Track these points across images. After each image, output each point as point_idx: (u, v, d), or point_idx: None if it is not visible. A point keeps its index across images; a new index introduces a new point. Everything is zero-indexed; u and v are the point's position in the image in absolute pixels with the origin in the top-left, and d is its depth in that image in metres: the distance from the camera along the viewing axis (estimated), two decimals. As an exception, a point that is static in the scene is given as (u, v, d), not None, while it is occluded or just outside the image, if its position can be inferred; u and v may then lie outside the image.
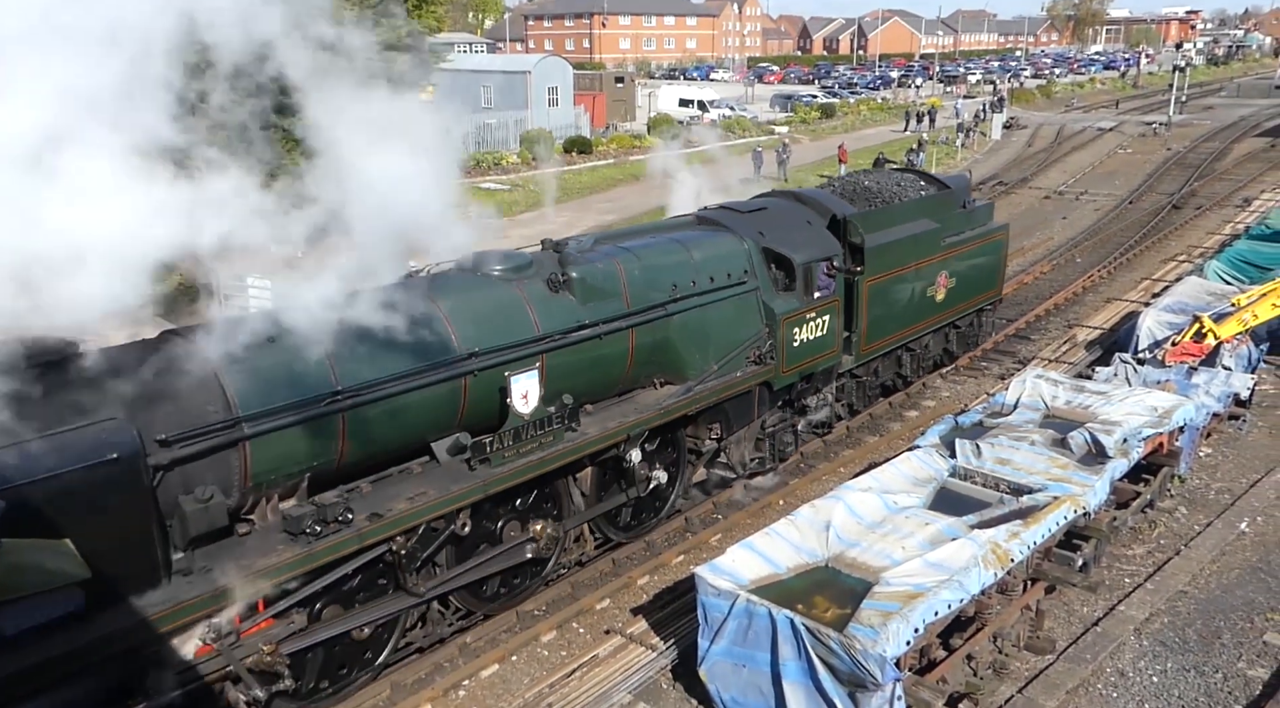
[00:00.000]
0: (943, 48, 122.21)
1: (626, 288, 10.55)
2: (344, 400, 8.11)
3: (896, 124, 53.41)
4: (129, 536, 6.79)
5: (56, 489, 6.26)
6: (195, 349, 7.62)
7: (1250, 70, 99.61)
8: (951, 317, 15.74)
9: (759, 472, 12.81)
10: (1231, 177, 35.32)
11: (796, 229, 12.60)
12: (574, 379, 9.87)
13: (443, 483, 8.73)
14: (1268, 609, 9.93)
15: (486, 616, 9.91)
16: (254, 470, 7.69)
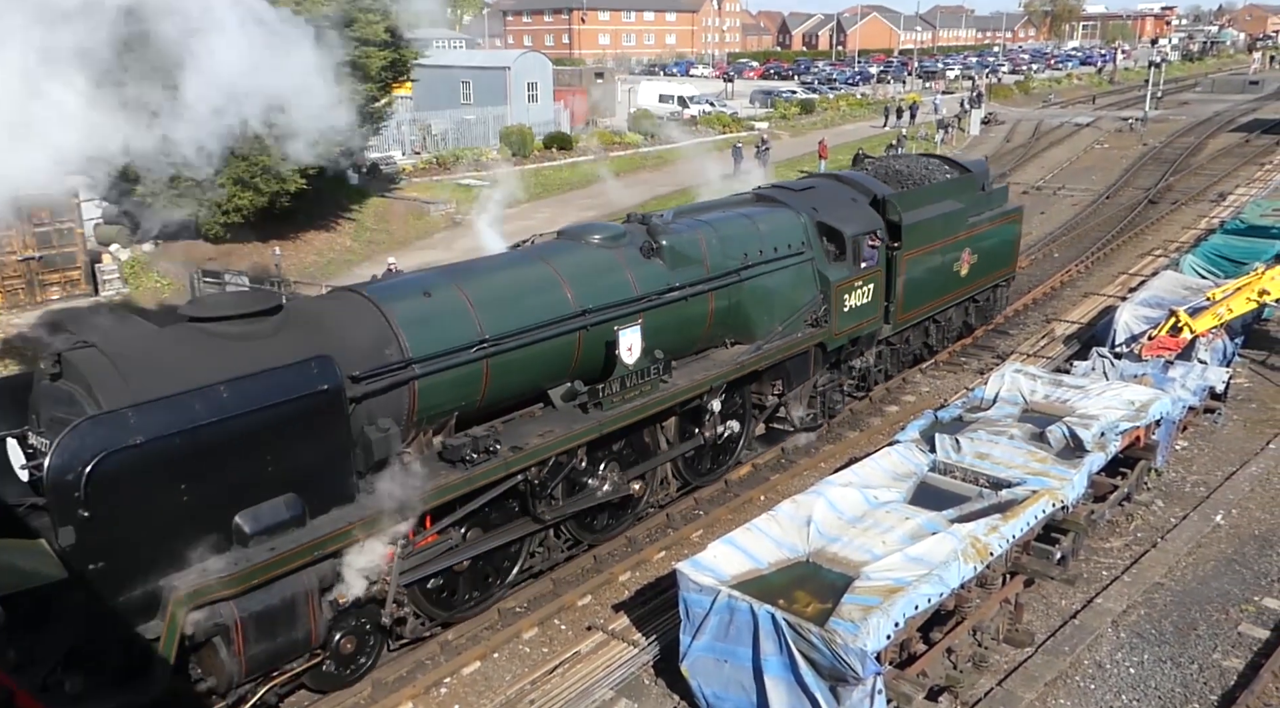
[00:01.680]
0: (921, 43, 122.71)
1: (707, 256, 11.73)
2: (488, 348, 9.37)
3: (876, 120, 53.56)
4: (332, 454, 8.11)
5: (283, 413, 7.62)
6: (370, 302, 8.96)
7: (1225, 66, 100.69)
8: (973, 291, 17.07)
9: (812, 427, 13.90)
10: (1207, 172, 35.68)
11: (844, 206, 13.93)
12: (664, 337, 10.97)
13: (564, 424, 9.99)
14: (1242, 601, 10.05)
15: (590, 546, 11.09)
16: (419, 407, 8.97)
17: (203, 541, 7.40)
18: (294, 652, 8.03)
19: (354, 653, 8.76)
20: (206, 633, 7.37)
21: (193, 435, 7.13)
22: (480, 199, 13.72)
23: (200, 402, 7.23)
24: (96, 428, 6.76)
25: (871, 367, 15.01)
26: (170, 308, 20.71)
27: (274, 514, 7.70)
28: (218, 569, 7.36)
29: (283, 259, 23.38)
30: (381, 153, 36.10)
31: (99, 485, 6.69)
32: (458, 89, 46.41)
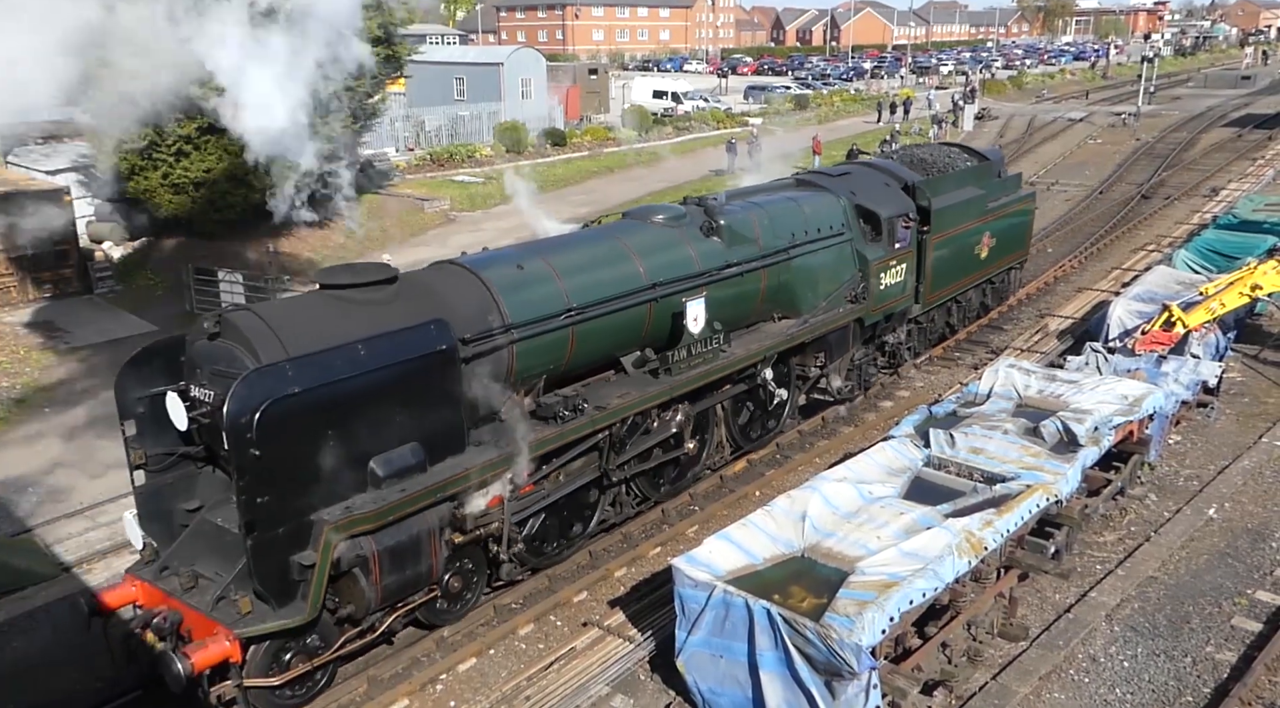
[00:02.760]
0: (915, 39, 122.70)
1: (759, 235, 12.59)
2: (574, 316, 10.29)
3: (870, 115, 53.59)
4: (447, 408, 9.04)
5: (409, 370, 8.61)
6: (471, 273, 9.87)
7: (1217, 61, 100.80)
8: (992, 272, 18.05)
9: (849, 398, 14.80)
10: (1199, 166, 35.76)
11: (879, 190, 14.81)
12: (722, 310, 11.83)
13: (639, 387, 10.96)
14: (1235, 594, 10.10)
15: (656, 502, 11.93)
16: (517, 368, 9.92)
17: (345, 481, 8.35)
18: (418, 584, 8.94)
19: (461, 591, 9.69)
20: (350, 563, 8.25)
21: (338, 387, 8.12)
22: (515, 189, 14.89)
23: (343, 358, 8.22)
24: (263, 378, 7.71)
25: (902, 343, 15.89)
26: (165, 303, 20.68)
27: (402, 460, 8.67)
28: (360, 506, 8.31)
29: (277, 256, 23.32)
30: (375, 149, 36.02)
31: (266, 428, 7.62)
32: (451, 85, 46.29)
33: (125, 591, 8.66)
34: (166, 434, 8.79)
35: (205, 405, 8.27)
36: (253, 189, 22.32)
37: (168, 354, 8.80)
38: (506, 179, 17.70)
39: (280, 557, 7.97)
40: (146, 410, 8.76)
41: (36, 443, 14.84)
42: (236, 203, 22.31)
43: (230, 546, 8.30)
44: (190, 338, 8.64)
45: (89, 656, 9.78)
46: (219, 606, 8.04)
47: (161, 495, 8.93)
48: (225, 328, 8.30)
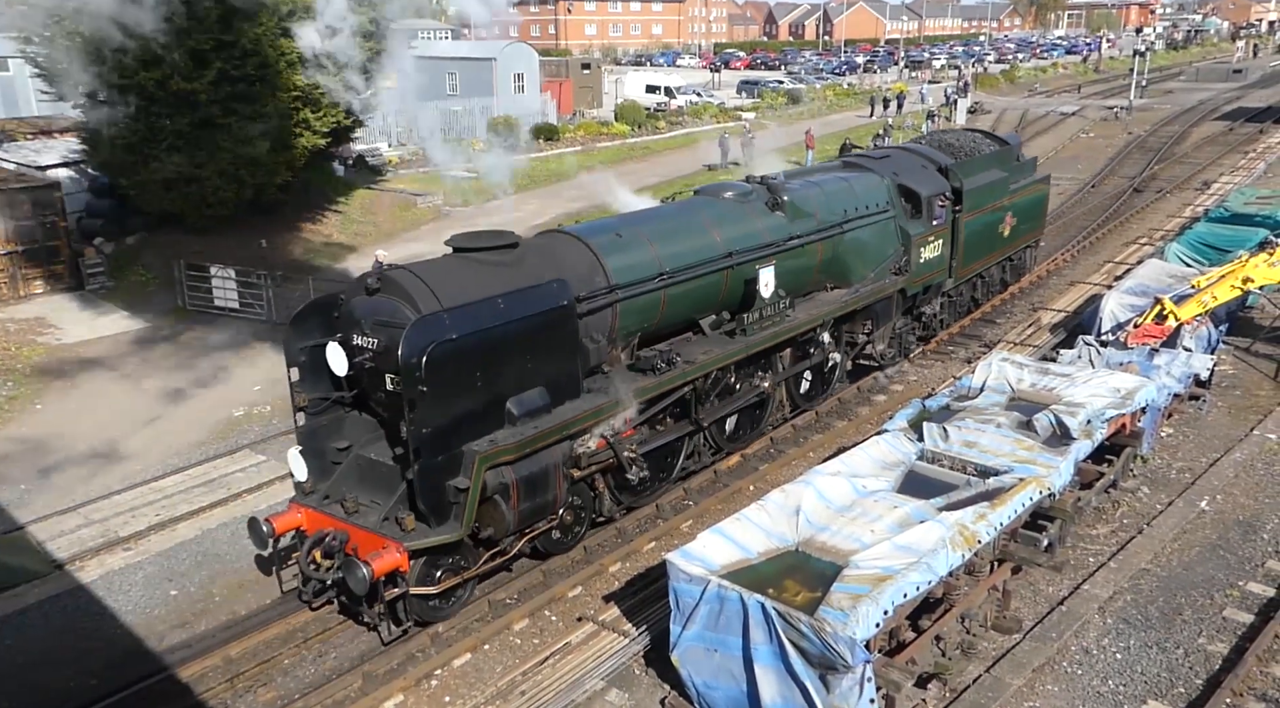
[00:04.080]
0: (907, 33, 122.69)
1: (817, 211, 13.81)
2: (666, 280, 11.45)
3: (863, 110, 53.56)
4: (567, 358, 10.23)
5: (538, 322, 9.77)
6: (578, 239, 11.04)
7: (1209, 55, 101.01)
8: (1012, 250, 19.40)
9: (891, 363, 16.01)
10: (1191, 160, 35.85)
11: (918, 171, 16.11)
12: (785, 278, 12.97)
13: (719, 346, 12.17)
14: (1227, 585, 10.16)
15: (728, 453, 13.11)
16: (619, 326, 11.09)
17: (488, 418, 9.51)
18: (545, 512, 10.05)
19: (572, 524, 10.86)
20: (494, 490, 9.40)
21: (484, 335, 9.28)
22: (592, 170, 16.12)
23: (488, 309, 9.39)
24: (428, 325, 8.87)
25: (937, 314, 17.17)
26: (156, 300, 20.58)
27: (532, 402, 9.85)
28: (502, 440, 9.47)
29: (269, 251, 23.25)
30: (368, 144, 35.91)
31: (431, 367, 8.76)
32: (444, 80, 46.15)
33: (292, 517, 9.93)
34: (322, 382, 10.00)
35: (368, 352, 9.39)
36: (244, 185, 22.25)
37: (323, 312, 9.95)
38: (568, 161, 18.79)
39: (439, 481, 9.11)
40: (307, 360, 9.93)
41: (28, 439, 14.79)
42: (228, 199, 22.22)
43: (384, 477, 9.71)
44: (346, 295, 9.79)
45: (80, 654, 9.78)
46: (384, 525, 9.25)
47: (316, 436, 10.13)
48: (385, 284, 9.42)
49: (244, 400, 16.15)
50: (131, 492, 12.97)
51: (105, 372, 17.46)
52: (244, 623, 10.16)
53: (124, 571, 11.15)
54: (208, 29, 20.29)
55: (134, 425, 15.23)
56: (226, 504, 12.53)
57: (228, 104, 21.25)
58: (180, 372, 17.46)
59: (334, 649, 9.71)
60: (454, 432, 9.17)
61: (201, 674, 9.22)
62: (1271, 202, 21.99)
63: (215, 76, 20.59)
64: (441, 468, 9.11)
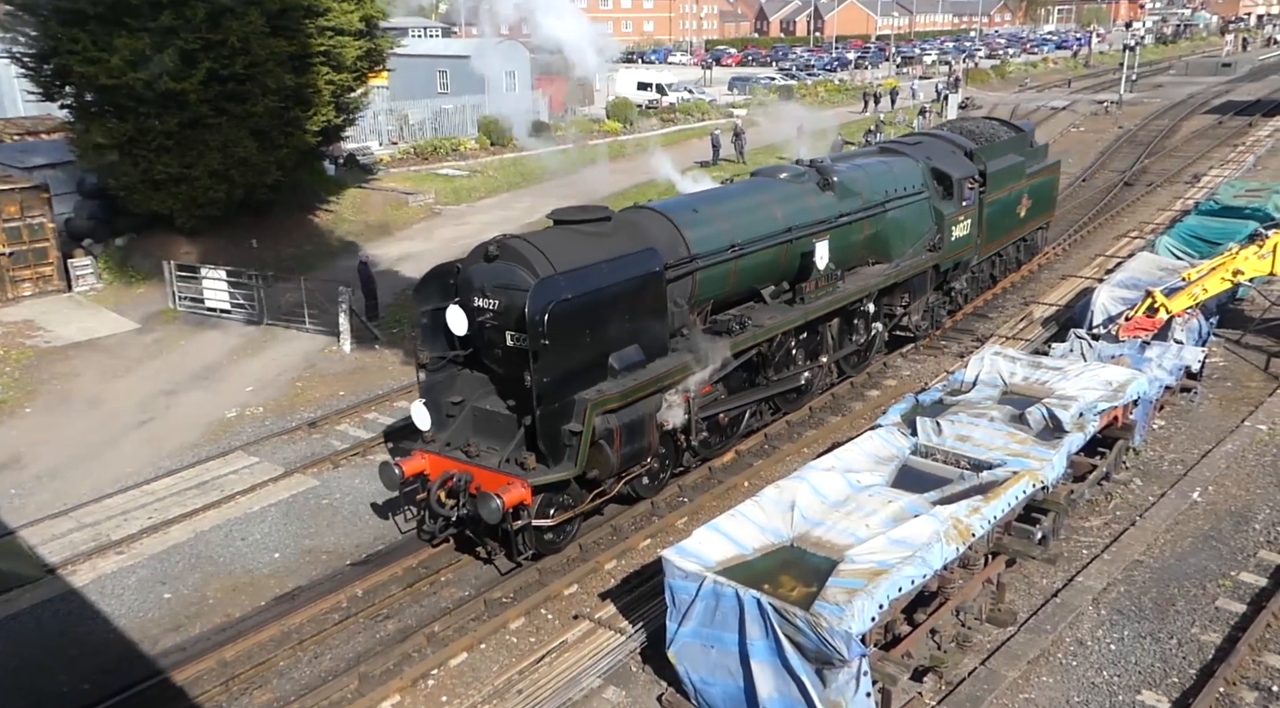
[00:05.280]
0: (898, 29, 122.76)
1: (863, 191, 14.89)
2: (737, 252, 12.53)
3: (855, 105, 53.57)
4: (656, 319, 11.28)
5: (628, 287, 10.76)
6: (660, 214, 12.11)
7: (1198, 49, 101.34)
8: (1027, 230, 20.63)
9: (924, 335, 17.13)
10: (1181, 153, 35.96)
11: (948, 155, 17.31)
12: (835, 253, 13.94)
13: (781, 313, 13.26)
14: (1219, 576, 10.20)
15: (785, 413, 14.23)
16: (698, 293, 12.20)
17: (595, 371, 10.56)
18: (641, 457, 11.15)
19: (658, 471, 11.95)
20: (600, 435, 10.37)
21: (592, 296, 10.28)
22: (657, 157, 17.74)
23: (595, 273, 10.42)
24: (548, 285, 9.91)
25: (965, 289, 18.41)
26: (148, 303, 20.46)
27: (630, 357, 10.91)
28: (609, 390, 10.50)
29: (260, 252, 23.18)
30: (359, 143, 35.80)
31: (551, 323, 9.78)
32: (435, 78, 46.02)
33: (417, 462, 10.82)
34: (439, 342, 11.17)
35: (489, 312, 10.48)
36: (235, 185, 22.17)
37: (441, 279, 11.06)
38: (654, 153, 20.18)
39: (556, 426, 10.22)
40: (428, 323, 11.13)
41: (18, 443, 14.71)
42: (219, 199, 22.13)
43: (501, 425, 10.89)
44: (465, 264, 10.89)
45: (73, 659, 9.74)
46: (505, 466, 10.37)
47: (433, 390, 11.18)
48: (504, 252, 10.45)
49: (236, 402, 16.10)
50: (123, 495, 12.91)
51: (95, 374, 17.38)
52: (239, 625, 10.13)
53: (116, 574, 11.10)
54: (195, 28, 20.21)
55: (125, 428, 15.17)
56: (219, 506, 12.47)
57: (217, 103, 21.17)
58: (171, 373, 17.39)
59: (330, 651, 9.69)
60: (568, 382, 10.26)
61: (196, 678, 9.19)
62: (1261, 194, 22.06)
63: (204, 76, 20.51)
64: (558, 414, 10.22)
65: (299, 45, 22.59)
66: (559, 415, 10.22)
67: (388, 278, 21.97)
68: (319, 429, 14.85)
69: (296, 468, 13.46)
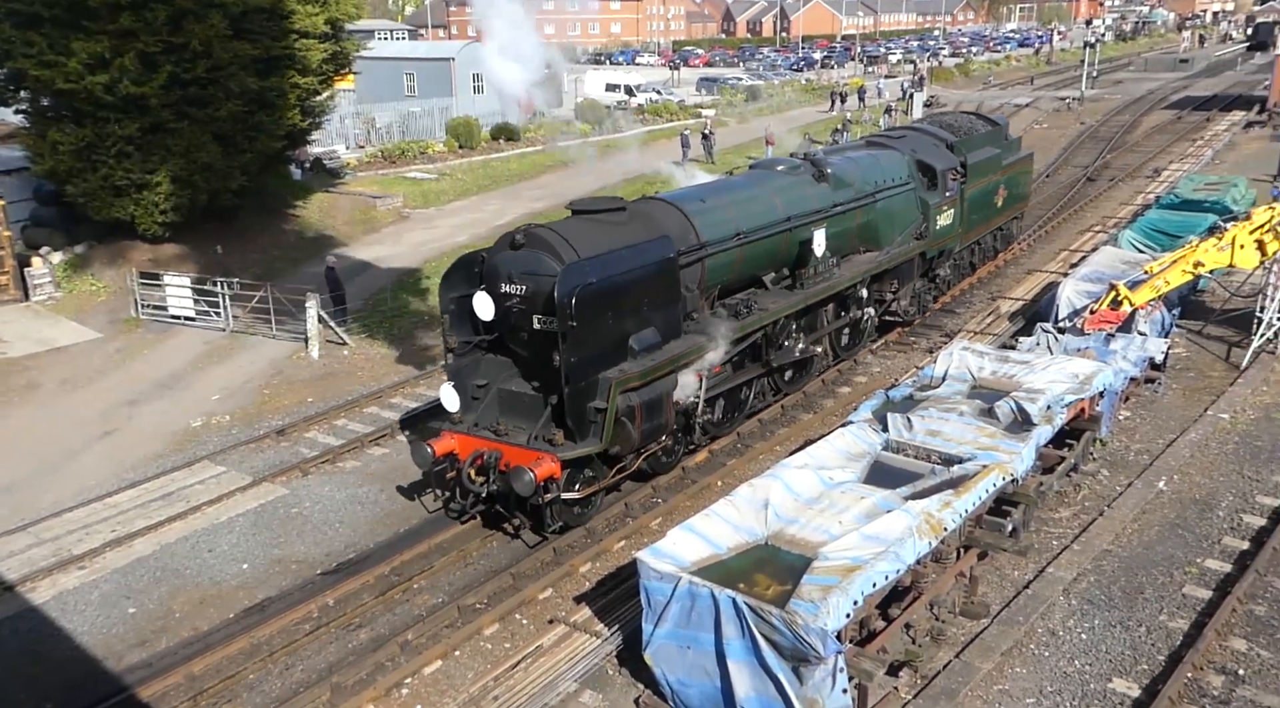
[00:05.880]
0: (863, 28, 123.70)
1: (855, 182, 15.58)
2: (742, 240, 13.18)
3: (822, 105, 53.89)
4: (670, 303, 11.85)
5: (645, 273, 11.33)
6: (671, 205, 12.76)
7: (1156, 45, 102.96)
8: (1004, 219, 21.44)
9: (912, 319, 17.79)
10: (1142, 148, 36.50)
11: (932, 148, 18.16)
12: (831, 241, 14.69)
13: (782, 298, 13.94)
14: (1186, 563, 10.34)
15: (786, 394, 14.84)
16: (707, 279, 12.81)
17: (616, 352, 11.09)
18: (659, 433, 11.68)
19: (673, 447, 12.48)
20: (622, 412, 10.90)
21: (614, 280, 10.83)
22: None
23: (616, 259, 10.97)
24: (574, 270, 10.45)
25: (948, 275, 19.13)
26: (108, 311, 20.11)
27: (648, 339, 11.47)
28: (630, 369, 11.06)
29: (225, 258, 22.86)
30: (325, 147, 35.46)
31: (578, 306, 10.32)
32: (401, 81, 45.72)
33: (447, 442, 11.29)
34: (465, 328, 11.72)
35: (516, 297, 10.98)
36: (198, 190, 21.85)
37: (467, 268, 11.64)
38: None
39: (582, 403, 10.73)
40: (455, 309, 11.64)
41: (-21, 457, 14.39)
42: (182, 205, 21.80)
43: (527, 405, 11.40)
44: (490, 253, 11.37)
45: (34, 678, 9.53)
46: (534, 443, 10.87)
47: (460, 374, 11.69)
48: (530, 240, 10.97)
49: (202, 410, 15.85)
50: (85, 508, 12.66)
51: (55, 385, 17.05)
52: (207, 638, 9.97)
53: (79, 590, 10.88)
54: (156, 31, 19.90)
55: (86, 440, 14.88)
56: (185, 518, 12.27)
57: (179, 108, 20.85)
58: (134, 383, 17.10)
59: (301, 662, 9.55)
60: (593, 362, 10.79)
61: (163, 693, 9.02)
62: (1219, 188, 22.44)
63: (166, 80, 20.20)
64: (584, 392, 10.74)
65: (263, 48, 22.33)
66: (585, 393, 10.73)
67: (356, 283, 21.76)
68: (287, 437, 14.66)
69: (265, 477, 13.28)
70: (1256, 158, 32.12)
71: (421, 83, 45.20)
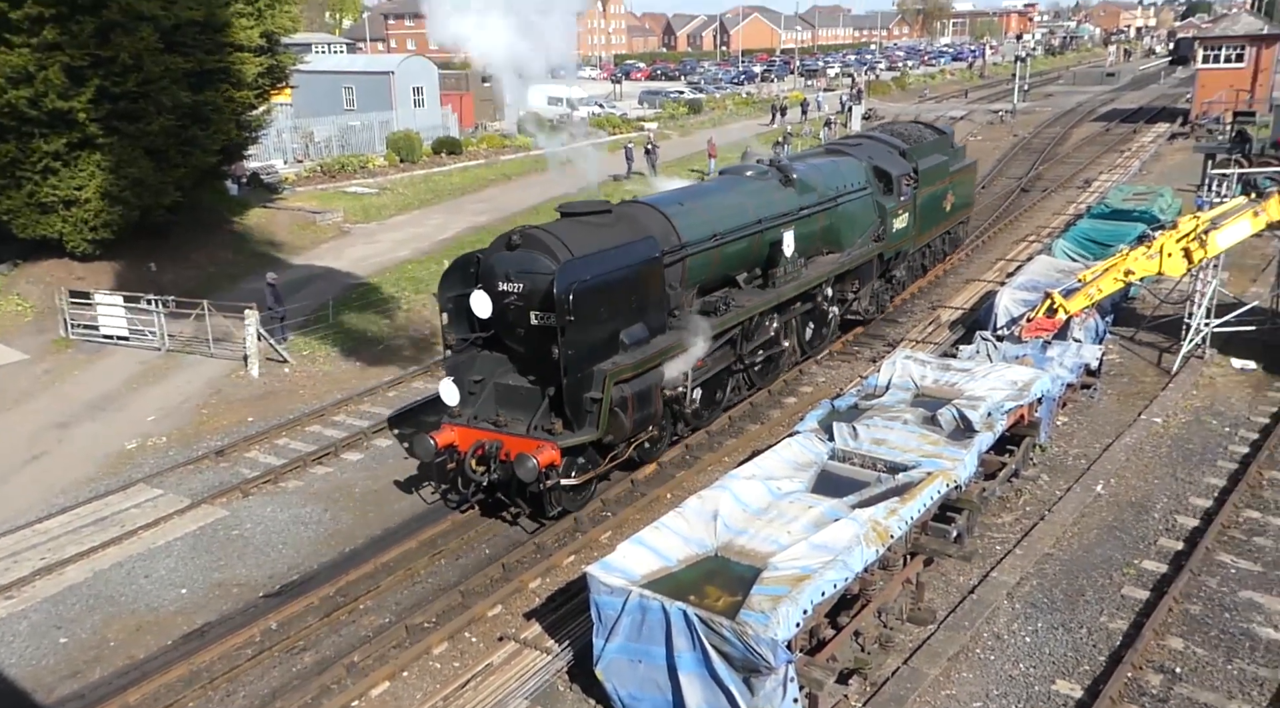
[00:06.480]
0: (802, 43, 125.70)
1: (818, 187, 16.41)
2: (719, 241, 13.85)
3: (763, 118, 54.53)
4: (657, 300, 12.45)
5: (634, 271, 11.91)
6: (653, 208, 13.31)
7: (1084, 59, 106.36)
8: (952, 223, 22.48)
9: (872, 318, 18.59)
10: (1073, 160, 37.59)
11: (887, 155, 19.03)
12: (798, 242, 15.31)
13: (756, 296, 14.61)
14: (1124, 564, 10.60)
15: (759, 388, 15.45)
16: (688, 277, 13.43)
17: (609, 346, 11.63)
18: (648, 423, 12.21)
19: (659, 438, 13.06)
20: (616, 402, 11.41)
21: (606, 278, 11.34)
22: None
23: (607, 258, 11.51)
24: (570, 268, 10.98)
25: (903, 276, 20.03)
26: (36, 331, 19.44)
27: (637, 334, 12.01)
28: (622, 362, 11.59)
29: (159, 276, 22.27)
30: (262, 162, 34.82)
31: (575, 301, 10.81)
32: (340, 95, 45.13)
33: (448, 434, 11.72)
34: (461, 326, 12.17)
35: (513, 295, 11.44)
36: (130, 206, 21.27)
37: (463, 269, 12.14)
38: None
39: (579, 394, 11.24)
40: (452, 308, 12.09)
41: (-103, 485, 13.77)
42: (113, 221, 21.19)
43: (524, 397, 11.88)
44: (486, 254, 11.90)
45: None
46: (533, 432, 11.39)
47: (458, 369, 12.15)
48: (526, 240, 11.47)
49: (137, 432, 15.39)
50: (12, 536, 12.18)
51: (-18, 408, 16.41)
52: (143, 667, 9.64)
53: (6, 620, 10.45)
54: (83, 44, 19.35)
55: (13, 464, 14.34)
56: (120, 543, 11.88)
57: (108, 122, 20.30)
58: (64, 405, 16.54)
59: (243, 688, 9.28)
60: (588, 355, 11.29)
61: (98, 725, 8.70)
62: (1147, 197, 23.22)
63: (94, 94, 19.64)
64: (581, 383, 11.22)
65: (196, 62, 21.86)
66: (582, 384, 11.24)
67: (297, 299, 21.36)
68: (227, 457, 14.30)
69: (204, 499, 12.93)
70: (1181, 168, 33.28)
71: (360, 96, 44.68)
